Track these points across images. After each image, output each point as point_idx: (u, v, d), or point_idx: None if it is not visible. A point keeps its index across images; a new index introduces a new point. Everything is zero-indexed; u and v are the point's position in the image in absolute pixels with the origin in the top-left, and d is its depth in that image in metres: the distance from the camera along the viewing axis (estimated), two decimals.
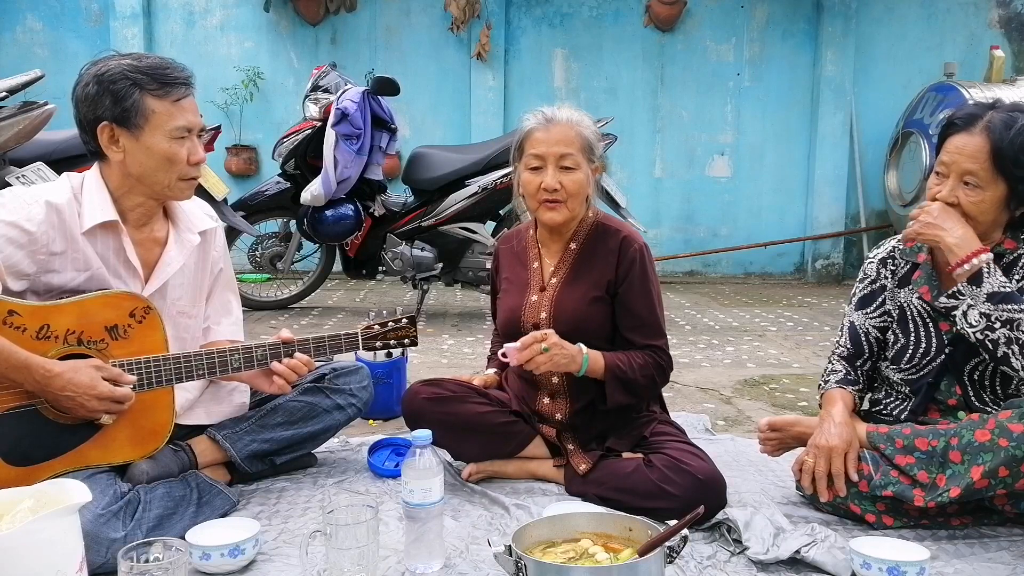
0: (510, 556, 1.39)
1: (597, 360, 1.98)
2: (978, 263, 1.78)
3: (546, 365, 1.91)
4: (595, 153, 2.05)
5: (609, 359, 1.99)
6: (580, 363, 1.95)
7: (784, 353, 4.16)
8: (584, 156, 2.01)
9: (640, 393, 2.05)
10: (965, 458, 1.73)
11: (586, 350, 1.96)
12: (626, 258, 2.04)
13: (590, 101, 7.00)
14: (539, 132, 2.01)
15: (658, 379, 2.06)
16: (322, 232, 4.76)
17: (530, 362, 1.90)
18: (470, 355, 3.92)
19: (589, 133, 2.04)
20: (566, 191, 1.99)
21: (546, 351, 1.89)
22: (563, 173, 1.99)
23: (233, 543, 1.62)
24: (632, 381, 1.99)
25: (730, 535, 1.78)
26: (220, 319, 2.09)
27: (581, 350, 1.95)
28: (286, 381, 1.95)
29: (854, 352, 2.08)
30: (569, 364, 1.94)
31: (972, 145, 1.79)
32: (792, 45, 7.21)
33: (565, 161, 1.98)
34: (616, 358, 2.00)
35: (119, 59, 1.78)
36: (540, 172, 2.00)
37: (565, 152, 1.98)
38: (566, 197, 1.99)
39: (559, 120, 2.00)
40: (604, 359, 1.98)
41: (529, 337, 1.91)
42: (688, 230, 7.38)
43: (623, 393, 2.00)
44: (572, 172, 1.99)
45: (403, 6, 7.06)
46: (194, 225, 1.97)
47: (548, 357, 1.89)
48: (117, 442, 1.78)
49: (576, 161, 1.99)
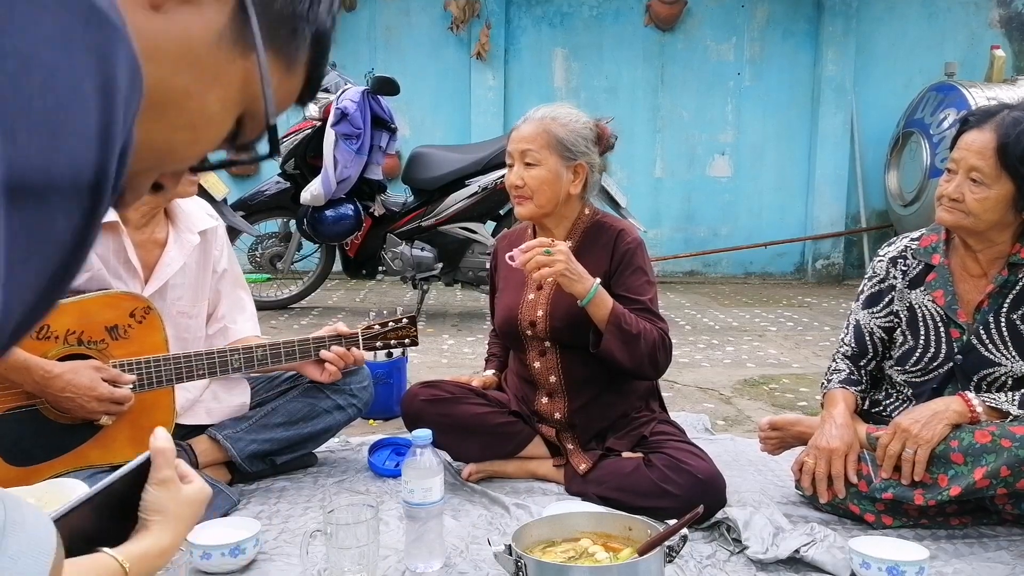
0: (510, 556, 1.39)
1: (605, 299, 1.91)
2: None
3: (549, 270, 1.85)
4: (574, 151, 2.01)
5: (618, 307, 1.93)
6: (588, 289, 1.88)
7: (784, 353, 4.16)
8: (552, 152, 2.00)
9: (635, 356, 1.93)
10: (967, 459, 1.73)
11: (599, 284, 1.91)
12: (619, 249, 2.04)
13: (590, 101, 7.00)
14: (515, 131, 2.06)
15: (659, 355, 1.97)
16: (322, 232, 4.76)
17: (531, 265, 1.86)
18: (470, 355, 3.92)
19: (564, 131, 2.01)
20: (528, 187, 2.01)
21: (548, 254, 1.85)
22: (526, 169, 2.01)
23: (233, 543, 1.62)
24: (633, 338, 1.91)
25: (730, 535, 1.78)
26: (236, 317, 2.11)
27: (593, 279, 1.90)
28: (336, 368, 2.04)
29: (858, 351, 2.08)
30: (575, 283, 1.87)
31: (980, 142, 1.78)
32: (793, 45, 7.21)
33: (526, 157, 2.00)
34: (625, 311, 1.94)
35: None
36: (512, 169, 2.04)
37: (526, 148, 2.00)
38: (530, 193, 2.01)
39: (534, 118, 2.04)
40: (613, 305, 1.92)
41: (535, 240, 1.90)
42: (688, 230, 7.38)
43: (619, 345, 1.92)
44: (532, 168, 2.00)
45: (403, 6, 7.06)
46: (194, 225, 1.98)
47: (549, 261, 1.85)
48: (118, 442, 1.78)
49: (537, 157, 2.00)
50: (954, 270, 1.94)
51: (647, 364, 1.96)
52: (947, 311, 1.91)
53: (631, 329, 1.91)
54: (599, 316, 1.91)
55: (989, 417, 1.79)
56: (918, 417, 1.80)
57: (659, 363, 1.99)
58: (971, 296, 1.91)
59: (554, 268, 1.85)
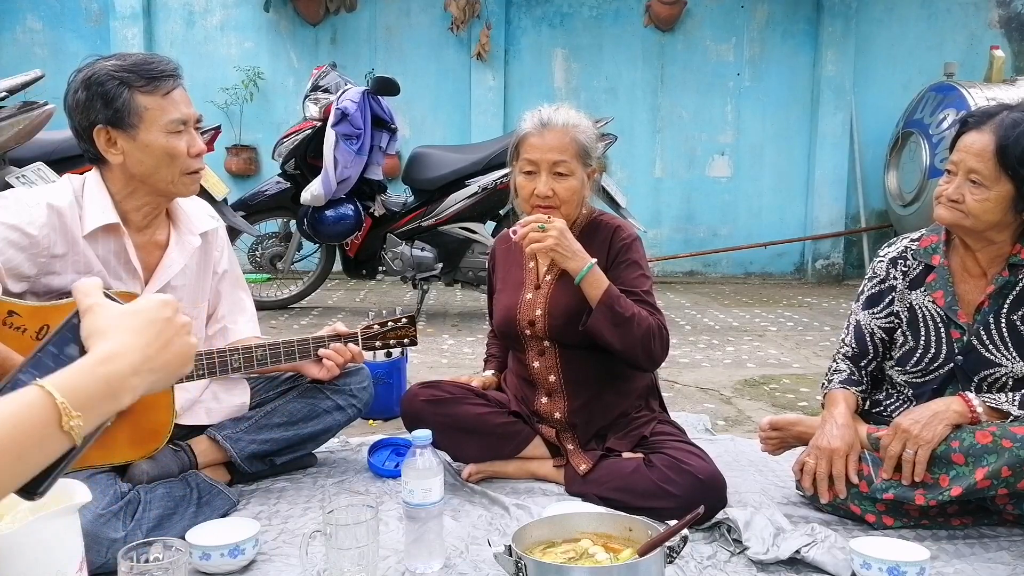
0: (510, 556, 1.39)
1: (600, 279, 1.91)
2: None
3: (540, 245, 1.86)
4: (592, 156, 2.03)
5: (613, 288, 1.92)
6: (582, 266, 1.88)
7: (784, 353, 4.16)
8: (579, 161, 1.99)
9: (627, 340, 1.91)
10: (968, 460, 1.73)
11: (595, 262, 1.91)
12: (615, 245, 2.04)
13: (590, 101, 7.00)
14: (534, 137, 1.98)
15: (653, 344, 1.94)
16: (322, 232, 4.76)
17: (525, 240, 1.88)
18: (470, 355, 3.92)
19: (585, 137, 2.00)
20: (559, 198, 1.98)
21: (542, 229, 1.86)
22: (556, 180, 1.97)
23: (233, 543, 1.62)
24: (625, 320, 1.90)
25: (730, 535, 1.78)
26: (236, 317, 2.10)
27: (589, 258, 1.90)
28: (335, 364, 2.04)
29: (859, 352, 2.07)
30: (569, 260, 1.88)
31: (980, 143, 1.78)
32: (792, 45, 7.21)
33: (558, 168, 1.97)
34: (622, 295, 1.93)
35: (104, 61, 1.77)
36: (534, 178, 1.99)
37: (559, 159, 1.96)
38: (559, 203, 1.98)
39: (555, 125, 1.98)
40: (608, 287, 1.91)
41: (533, 216, 1.90)
42: (688, 230, 7.38)
43: (609, 325, 1.90)
44: (565, 179, 1.98)
45: (403, 6, 7.06)
46: (195, 227, 1.97)
47: (542, 237, 1.86)
48: (117, 442, 1.77)
49: (570, 168, 1.97)
50: (954, 271, 1.94)
51: (640, 350, 1.94)
52: (947, 312, 1.91)
53: (624, 311, 1.90)
54: (593, 295, 1.91)
55: (989, 417, 1.79)
56: (918, 418, 1.80)
57: (653, 352, 1.96)
58: (971, 297, 1.90)
59: (545, 243, 1.86)
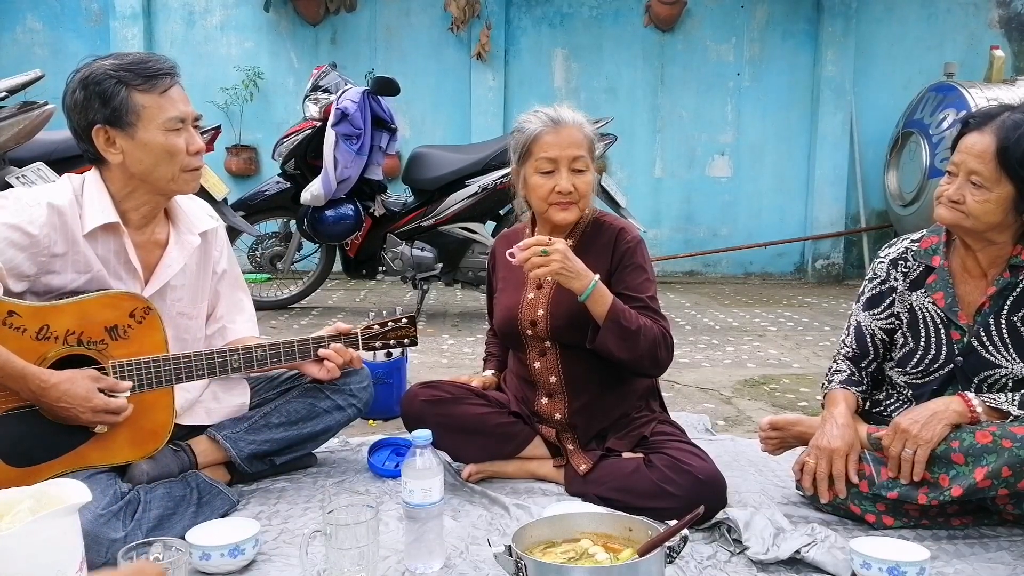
0: (510, 556, 1.39)
1: (605, 295, 1.90)
2: None
3: (545, 269, 1.85)
4: (595, 152, 2.07)
5: (618, 302, 1.92)
6: (587, 284, 1.87)
7: (784, 353, 4.16)
8: (591, 156, 2.04)
9: (635, 352, 1.92)
10: (968, 459, 1.73)
11: (598, 279, 1.90)
12: (620, 248, 2.05)
13: (590, 101, 7.00)
14: (549, 135, 2.00)
15: (660, 352, 1.95)
16: (322, 232, 4.76)
17: (528, 265, 1.87)
18: (470, 355, 3.92)
19: (592, 133, 2.06)
20: (578, 192, 2.00)
21: (545, 254, 1.85)
22: (575, 175, 2.00)
23: (233, 543, 1.62)
24: (632, 333, 1.90)
25: (730, 535, 1.78)
26: (235, 317, 2.11)
27: (592, 275, 1.90)
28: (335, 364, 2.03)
29: (859, 353, 2.07)
30: (574, 280, 1.87)
31: (980, 145, 1.77)
32: (792, 45, 7.21)
33: (577, 164, 2.00)
34: (626, 307, 1.93)
35: (100, 61, 1.78)
36: (552, 175, 2.00)
37: (577, 154, 1.99)
38: (579, 198, 2.01)
39: (567, 122, 2.01)
40: (613, 301, 1.91)
41: (533, 239, 1.89)
42: (688, 230, 7.39)
43: (616, 341, 1.90)
44: (583, 174, 2.01)
45: (403, 6, 7.06)
46: (195, 226, 1.97)
47: (546, 261, 1.85)
48: (117, 442, 1.78)
49: (586, 163, 2.01)
50: (954, 272, 1.93)
51: (647, 360, 1.95)
52: (948, 313, 1.91)
53: (630, 325, 1.90)
54: (598, 312, 1.91)
55: (989, 417, 1.79)
56: (917, 417, 1.80)
57: (660, 360, 1.97)
58: (972, 298, 1.90)
59: (550, 268, 1.85)
